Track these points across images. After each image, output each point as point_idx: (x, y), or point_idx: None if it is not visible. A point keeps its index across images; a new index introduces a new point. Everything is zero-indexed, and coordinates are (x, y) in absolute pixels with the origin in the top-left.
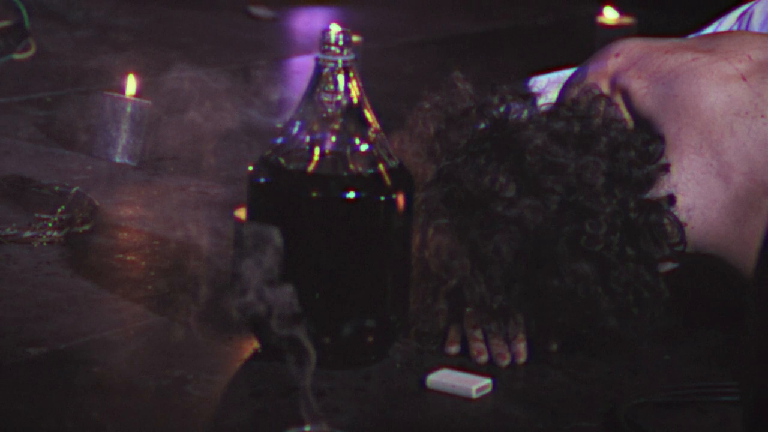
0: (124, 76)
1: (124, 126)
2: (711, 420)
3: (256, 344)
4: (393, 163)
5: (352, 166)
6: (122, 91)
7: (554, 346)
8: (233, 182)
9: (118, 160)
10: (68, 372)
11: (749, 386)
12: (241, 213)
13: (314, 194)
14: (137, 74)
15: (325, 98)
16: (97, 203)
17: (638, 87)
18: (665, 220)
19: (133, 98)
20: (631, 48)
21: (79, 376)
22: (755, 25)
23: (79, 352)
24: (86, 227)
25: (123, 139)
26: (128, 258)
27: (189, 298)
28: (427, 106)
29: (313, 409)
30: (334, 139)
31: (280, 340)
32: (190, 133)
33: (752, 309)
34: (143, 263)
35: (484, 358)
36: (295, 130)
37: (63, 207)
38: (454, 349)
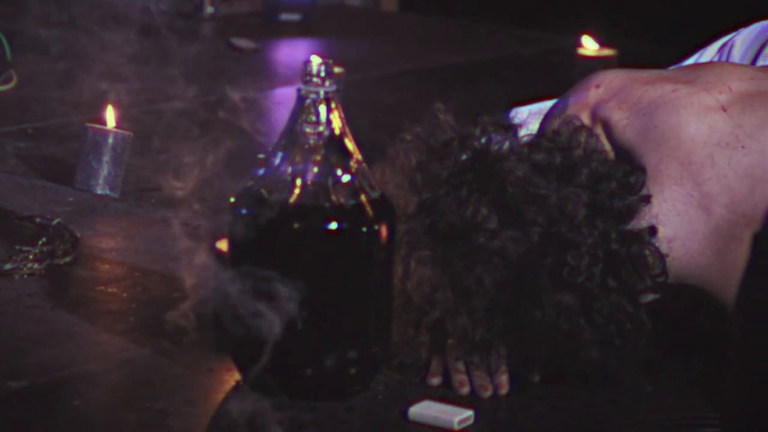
0: (104, 107)
1: (106, 158)
2: None
3: (237, 376)
4: (375, 194)
5: (334, 197)
6: (103, 122)
7: (536, 378)
8: (215, 213)
9: (99, 191)
10: (49, 405)
11: (731, 417)
12: (223, 245)
13: (296, 225)
14: (119, 106)
15: (307, 129)
16: (78, 235)
17: (619, 118)
18: (646, 252)
19: (114, 130)
20: (611, 79)
21: (59, 409)
22: (736, 56)
23: (60, 385)
24: (67, 259)
25: (104, 170)
26: (109, 290)
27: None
28: (408, 137)
29: None
30: (316, 169)
31: (262, 371)
32: (172, 165)
33: (734, 340)
34: (125, 295)
35: (466, 389)
36: (277, 160)
37: (44, 239)
38: (436, 380)
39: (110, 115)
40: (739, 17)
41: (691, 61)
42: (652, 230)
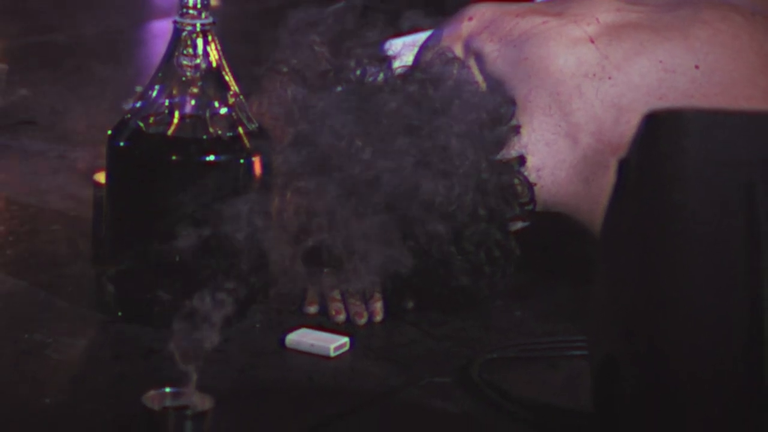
0: None
1: None
2: (561, 373)
3: (118, 308)
4: (252, 126)
5: (211, 129)
6: None
7: (410, 305)
8: (93, 146)
9: None
10: None
11: (596, 340)
12: (101, 177)
13: (174, 157)
14: None
15: (184, 62)
16: None
17: (490, 50)
18: (516, 181)
19: None
20: (483, 12)
21: None
22: None
23: None
24: None
25: None
26: None
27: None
28: (284, 69)
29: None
30: (193, 102)
31: (144, 303)
32: (48, 98)
33: (599, 265)
34: (1, 228)
35: (342, 317)
36: (155, 93)
37: None
38: (312, 309)
39: None
40: None
41: None
42: (521, 160)
